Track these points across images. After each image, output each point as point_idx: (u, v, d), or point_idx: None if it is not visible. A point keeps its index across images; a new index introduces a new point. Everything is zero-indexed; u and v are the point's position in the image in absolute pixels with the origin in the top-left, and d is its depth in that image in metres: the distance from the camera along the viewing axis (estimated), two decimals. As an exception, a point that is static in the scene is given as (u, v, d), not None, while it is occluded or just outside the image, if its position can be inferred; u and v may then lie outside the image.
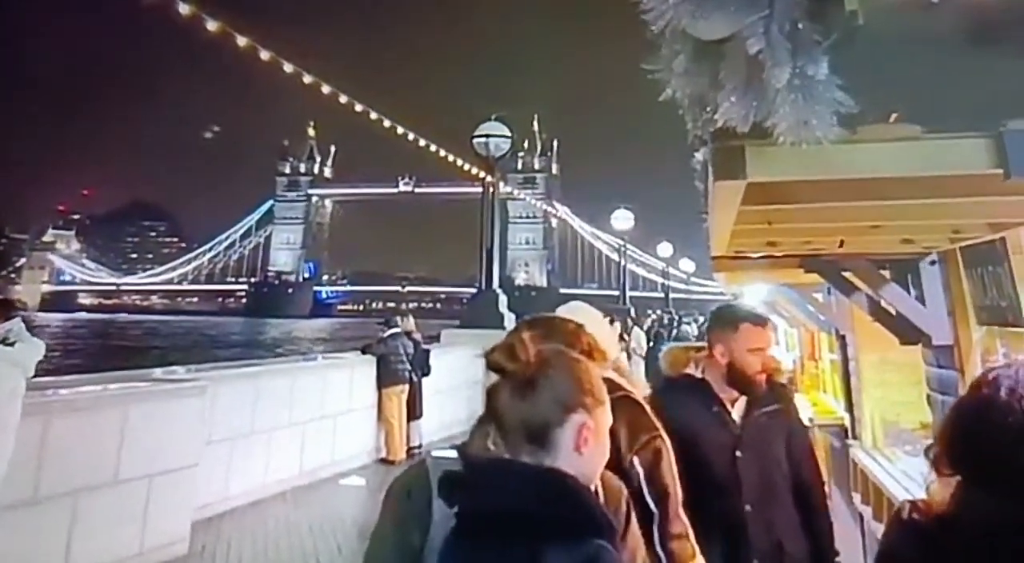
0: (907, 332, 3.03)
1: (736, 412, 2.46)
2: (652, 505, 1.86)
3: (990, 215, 2.10)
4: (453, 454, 1.36)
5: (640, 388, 2.12)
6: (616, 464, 1.67)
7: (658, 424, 1.96)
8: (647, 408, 1.99)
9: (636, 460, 1.88)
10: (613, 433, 1.52)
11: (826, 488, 2.71)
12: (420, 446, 8.89)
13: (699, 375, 2.52)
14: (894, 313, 3.09)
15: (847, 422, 4.80)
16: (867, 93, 1.30)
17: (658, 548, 1.85)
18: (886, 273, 3.11)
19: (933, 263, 2.94)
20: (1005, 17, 1.22)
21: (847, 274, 3.22)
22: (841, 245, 2.18)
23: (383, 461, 8.57)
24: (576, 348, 1.59)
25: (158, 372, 6.44)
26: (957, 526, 1.06)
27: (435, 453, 1.42)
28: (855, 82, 1.25)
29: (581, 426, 1.26)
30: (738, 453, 2.37)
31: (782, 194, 1.88)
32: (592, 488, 1.31)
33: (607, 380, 1.72)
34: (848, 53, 1.24)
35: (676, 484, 1.92)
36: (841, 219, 2.26)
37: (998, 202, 1.83)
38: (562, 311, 2.16)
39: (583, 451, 1.26)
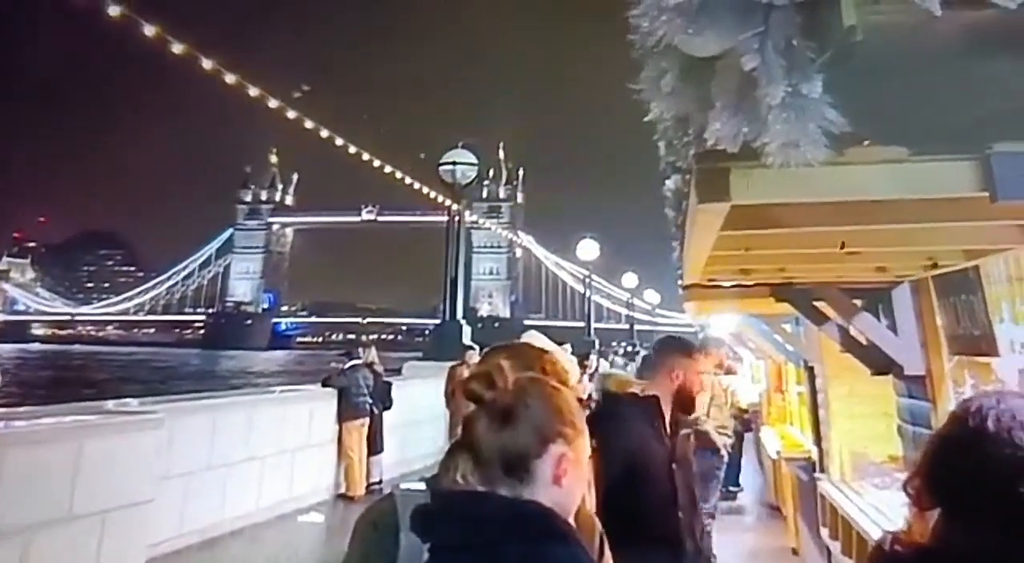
0: (879, 362, 3.03)
1: None
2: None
3: (967, 241, 2.12)
4: (422, 487, 1.33)
5: None
6: None
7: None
8: None
9: None
10: None
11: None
12: (380, 482, 8.66)
13: (642, 394, 2.71)
14: (865, 343, 3.10)
15: (815, 455, 4.80)
16: (857, 113, 1.28)
17: None
18: (858, 302, 3.12)
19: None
20: (995, 36, 1.21)
21: (818, 304, 3.22)
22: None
23: (342, 497, 8.31)
24: (543, 374, 1.55)
25: (110, 404, 6.25)
26: (941, 558, 1.04)
27: (403, 486, 1.38)
28: (846, 101, 1.24)
29: (560, 457, 1.21)
30: (674, 465, 2.59)
31: (763, 218, 1.88)
32: (571, 521, 1.26)
33: None
34: (841, 71, 1.22)
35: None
36: (819, 245, 2.26)
37: (976, 227, 1.84)
38: (526, 340, 2.21)
39: (562, 483, 1.21)
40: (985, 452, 1.02)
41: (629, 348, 22.27)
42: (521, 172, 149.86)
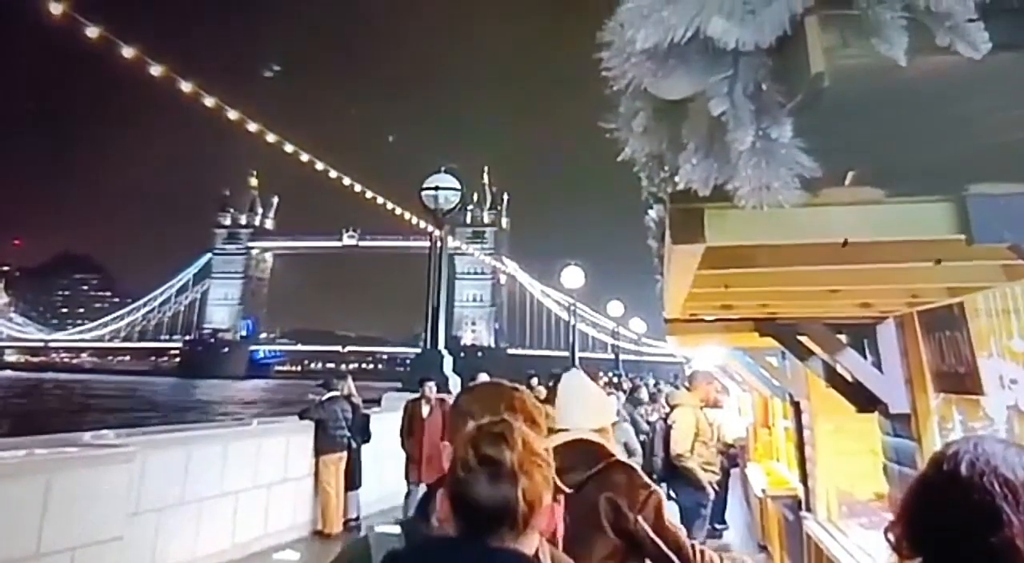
0: (863, 399, 3.00)
1: None
2: (672, 555, 2.07)
3: (950, 280, 2.10)
4: (397, 530, 1.38)
5: (618, 452, 2.38)
6: (621, 525, 2.04)
7: (649, 481, 2.20)
8: (637, 469, 2.24)
9: (640, 519, 2.09)
10: (611, 497, 2.04)
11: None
12: (358, 519, 8.43)
13: None
14: (850, 379, 3.06)
15: (801, 493, 4.72)
16: (830, 156, 1.26)
17: None
18: (843, 338, 3.09)
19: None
20: (968, 80, 1.19)
21: (803, 338, 3.19)
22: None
23: (319, 534, 8.08)
24: (521, 416, 1.60)
25: (86, 437, 6.09)
26: None
27: (378, 529, 1.42)
28: (818, 145, 1.22)
29: (550, 510, 1.28)
30: None
31: (740, 258, 1.86)
32: None
33: (599, 446, 2.25)
34: (812, 115, 1.20)
35: (681, 531, 2.16)
36: (799, 283, 2.24)
37: (958, 267, 1.81)
38: (566, 378, 2.54)
39: (545, 531, 1.29)
40: (956, 499, 0.99)
41: (615, 379, 22.08)
42: (506, 197, 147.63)
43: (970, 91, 1.20)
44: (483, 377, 9.18)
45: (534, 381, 10.89)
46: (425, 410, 8.13)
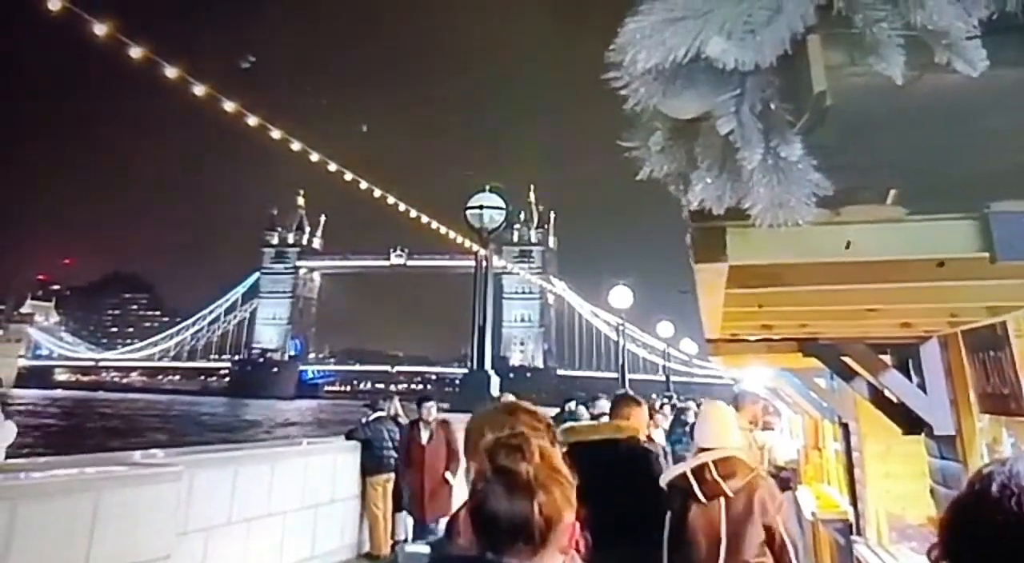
0: (908, 421, 2.91)
1: None
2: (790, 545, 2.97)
3: (987, 298, 2.03)
4: (426, 549, 1.40)
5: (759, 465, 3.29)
6: (767, 521, 2.92)
7: (779, 491, 3.05)
8: (772, 480, 3.10)
9: (779, 518, 2.97)
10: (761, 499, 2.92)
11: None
12: (406, 540, 8.27)
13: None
14: (895, 401, 2.97)
15: (851, 516, 4.57)
16: (846, 174, 1.25)
17: None
18: (887, 358, 3.02)
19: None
20: (982, 97, 1.17)
21: (846, 359, 3.11)
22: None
23: (367, 556, 8.03)
24: (542, 436, 1.61)
25: (136, 455, 6.18)
26: None
27: (408, 548, 1.43)
28: (833, 163, 1.21)
29: (570, 528, 1.26)
30: None
31: (769, 276, 1.84)
32: None
33: (742, 460, 3.06)
34: (823, 134, 1.20)
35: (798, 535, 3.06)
36: (835, 302, 2.20)
37: (993, 285, 1.76)
38: (707, 405, 3.42)
39: (567, 551, 1.27)
40: (985, 520, 0.96)
41: (666, 399, 21.59)
42: (553, 216, 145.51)
43: (985, 109, 1.19)
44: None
45: (571, 404, 10.54)
46: (424, 436, 7.50)
